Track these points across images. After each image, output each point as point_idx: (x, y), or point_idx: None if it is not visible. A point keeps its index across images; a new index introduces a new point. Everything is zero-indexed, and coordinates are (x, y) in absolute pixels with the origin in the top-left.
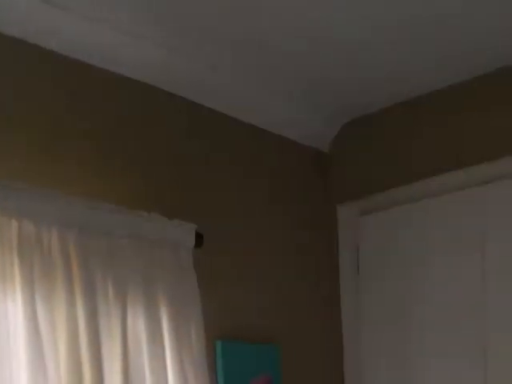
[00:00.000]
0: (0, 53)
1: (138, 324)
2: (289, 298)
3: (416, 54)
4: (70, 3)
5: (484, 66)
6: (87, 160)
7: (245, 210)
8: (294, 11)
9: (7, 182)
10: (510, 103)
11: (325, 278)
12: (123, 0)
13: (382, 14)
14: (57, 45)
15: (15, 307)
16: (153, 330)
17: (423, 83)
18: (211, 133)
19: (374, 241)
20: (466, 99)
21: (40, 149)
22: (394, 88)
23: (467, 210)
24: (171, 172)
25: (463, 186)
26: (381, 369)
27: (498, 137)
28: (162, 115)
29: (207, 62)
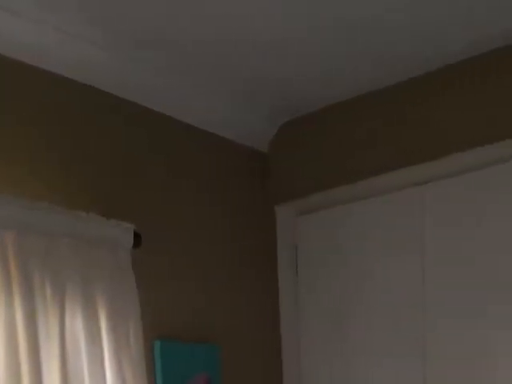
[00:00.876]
0: None
1: (76, 324)
2: (228, 297)
3: (354, 53)
4: (8, 3)
5: (421, 66)
6: (24, 160)
7: (183, 209)
8: (229, 11)
9: None
10: (449, 103)
11: (263, 278)
12: (61, 0)
13: (318, 13)
14: None
15: None
16: (91, 330)
17: (362, 83)
18: (148, 132)
19: (312, 241)
20: (404, 99)
21: None
22: (332, 88)
23: (405, 210)
24: (109, 172)
25: (401, 186)
26: (320, 368)
27: (436, 137)
28: (98, 114)
29: (143, 62)
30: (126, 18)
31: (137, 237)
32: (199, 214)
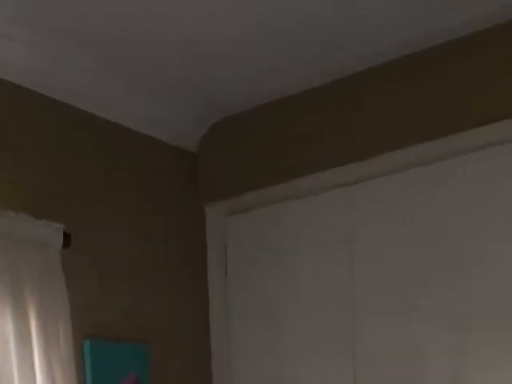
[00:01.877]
0: None
1: (5, 324)
2: (158, 297)
3: (284, 52)
4: None
5: (355, 66)
6: None
7: (112, 209)
8: (159, 11)
9: None
10: (374, 105)
11: (193, 277)
12: None
13: (249, 12)
14: None
15: None
16: (20, 330)
17: (292, 83)
18: (78, 132)
19: (242, 240)
20: (331, 101)
21: None
22: (262, 87)
23: (335, 210)
24: (39, 172)
25: (331, 186)
26: (251, 368)
27: (365, 138)
28: (28, 115)
29: (74, 62)
30: (57, 17)
31: (66, 237)
32: (129, 213)
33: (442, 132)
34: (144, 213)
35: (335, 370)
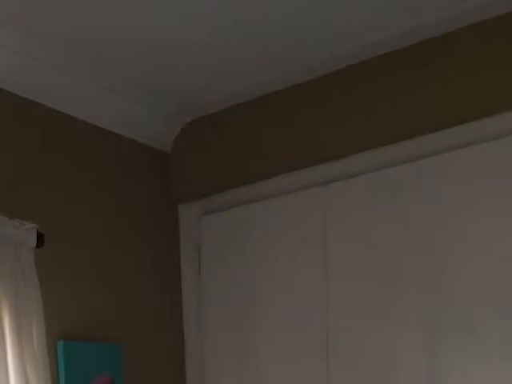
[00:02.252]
0: None
1: None
2: (131, 297)
3: (256, 53)
4: None
5: (321, 67)
6: None
7: (85, 209)
8: (129, 11)
9: None
10: (350, 104)
11: (167, 278)
12: None
13: (219, 14)
14: None
15: None
16: None
17: (264, 83)
18: (50, 132)
19: (216, 241)
20: (305, 99)
21: None
22: (235, 88)
23: (308, 210)
24: (11, 172)
25: (304, 186)
26: (224, 369)
27: (338, 138)
28: (1, 115)
29: (47, 61)
30: (29, 17)
31: (40, 237)
32: (102, 213)
33: (414, 133)
34: (117, 213)
35: (308, 372)
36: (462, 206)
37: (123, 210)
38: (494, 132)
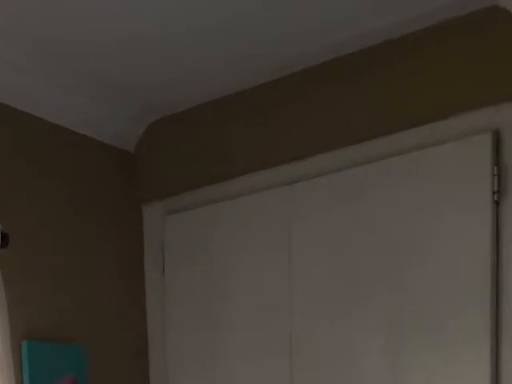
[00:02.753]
0: None
1: None
2: (95, 297)
3: (221, 52)
4: None
5: (286, 66)
6: None
7: (50, 209)
8: (92, 11)
9: None
10: (314, 104)
11: (131, 277)
12: None
13: (185, 13)
14: None
15: None
16: None
17: (229, 82)
18: (13, 132)
19: (179, 241)
20: (271, 99)
21: None
22: (200, 87)
23: (273, 210)
24: None
25: (269, 185)
26: (188, 369)
27: (303, 137)
28: None
29: (9, 60)
30: None
31: (4, 237)
32: (66, 213)
33: (378, 133)
34: (81, 213)
35: (272, 371)
36: (427, 206)
37: (87, 210)
38: (458, 132)
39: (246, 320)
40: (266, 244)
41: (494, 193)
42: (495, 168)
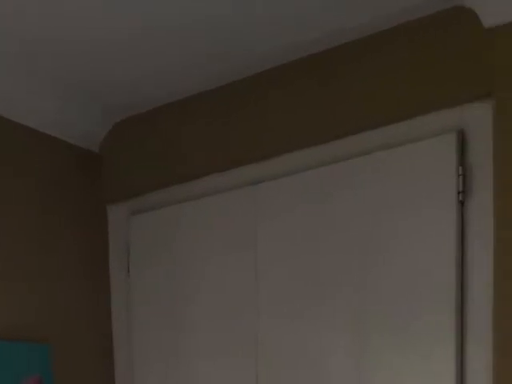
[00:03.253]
0: None
1: None
2: (60, 297)
3: (183, 53)
4: None
5: (252, 66)
6: None
7: (14, 209)
8: (54, 11)
9: None
10: (280, 103)
11: (96, 278)
12: None
13: (145, 12)
14: None
15: None
16: None
17: (193, 82)
18: None
19: (144, 241)
20: (235, 99)
21: None
22: (164, 87)
23: (239, 210)
24: None
25: (235, 185)
26: (154, 369)
27: (269, 137)
28: None
29: None
30: None
31: None
32: (31, 213)
33: (343, 133)
34: (46, 213)
35: (237, 372)
36: (392, 206)
37: (52, 210)
38: (423, 132)
39: (211, 320)
40: (232, 244)
41: (459, 193)
42: (460, 168)
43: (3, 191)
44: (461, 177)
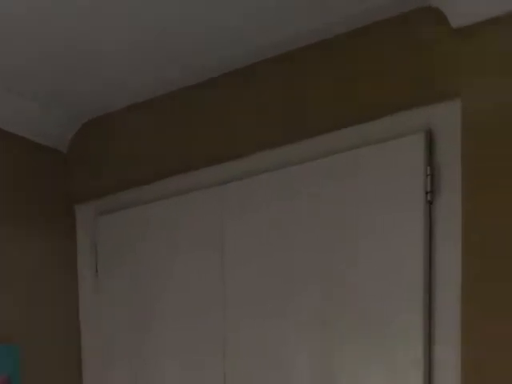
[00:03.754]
0: None
1: None
2: (28, 298)
3: (151, 53)
4: None
5: (219, 67)
6: None
7: None
8: (19, 11)
9: None
10: (247, 103)
11: (64, 278)
12: None
13: (113, 13)
14: None
15: None
16: None
17: (160, 83)
18: None
19: (112, 241)
20: (203, 98)
21: None
22: (131, 88)
23: (206, 210)
24: None
25: (202, 185)
26: (122, 369)
27: (236, 137)
28: None
29: None
30: None
31: None
32: None
33: (312, 132)
34: (13, 213)
35: (205, 371)
36: (360, 206)
37: (19, 211)
38: (391, 132)
39: (178, 319)
40: (199, 244)
41: (427, 193)
42: (428, 168)
43: None
44: (429, 177)
